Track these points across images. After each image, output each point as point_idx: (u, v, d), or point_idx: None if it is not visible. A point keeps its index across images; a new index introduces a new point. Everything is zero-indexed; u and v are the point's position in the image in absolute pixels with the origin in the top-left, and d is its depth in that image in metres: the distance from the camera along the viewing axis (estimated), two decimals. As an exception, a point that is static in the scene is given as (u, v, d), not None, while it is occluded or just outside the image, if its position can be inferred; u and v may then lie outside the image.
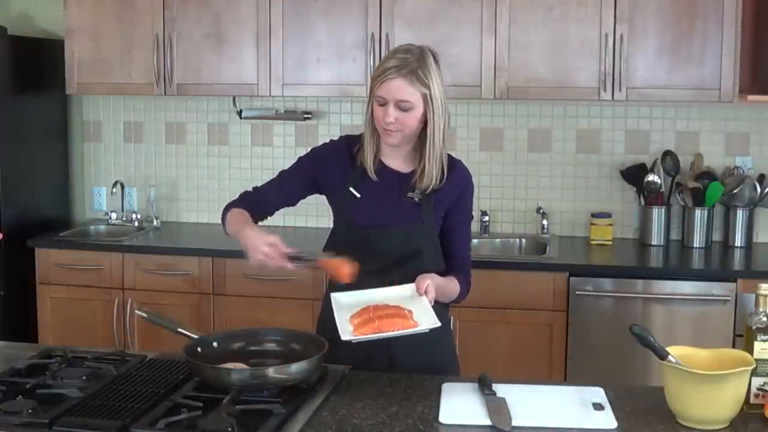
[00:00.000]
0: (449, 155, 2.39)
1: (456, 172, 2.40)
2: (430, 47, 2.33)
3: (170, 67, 4.19)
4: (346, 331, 2.08)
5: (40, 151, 4.51)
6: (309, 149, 2.52)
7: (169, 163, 4.67)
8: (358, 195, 2.36)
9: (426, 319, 2.12)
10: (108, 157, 4.75)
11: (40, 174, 4.52)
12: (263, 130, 4.55)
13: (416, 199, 2.35)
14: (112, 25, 4.25)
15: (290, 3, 4.06)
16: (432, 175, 2.32)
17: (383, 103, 2.26)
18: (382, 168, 2.38)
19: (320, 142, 4.55)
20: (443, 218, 2.40)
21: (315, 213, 4.35)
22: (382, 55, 3.93)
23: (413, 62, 2.25)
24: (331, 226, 2.46)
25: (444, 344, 2.46)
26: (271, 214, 2.48)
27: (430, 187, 2.33)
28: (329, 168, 2.41)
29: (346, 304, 2.21)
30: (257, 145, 4.55)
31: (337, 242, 2.39)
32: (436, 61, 2.30)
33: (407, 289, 2.24)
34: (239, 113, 4.50)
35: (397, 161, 2.39)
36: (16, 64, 4.27)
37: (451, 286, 2.38)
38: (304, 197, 2.49)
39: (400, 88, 2.24)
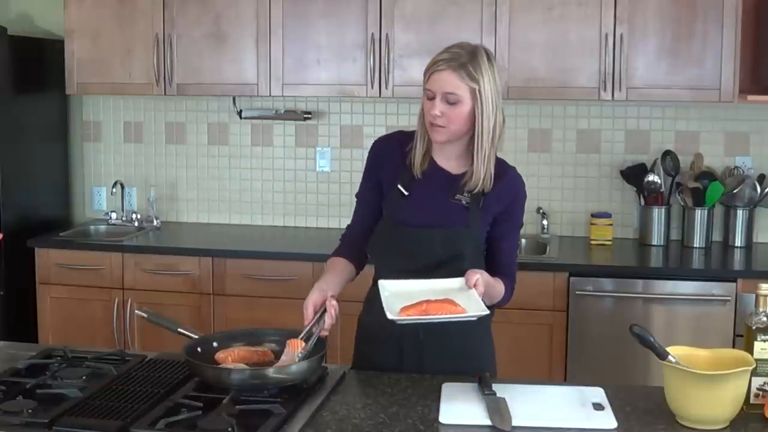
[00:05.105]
0: (503, 161, 2.35)
1: (508, 179, 2.34)
2: (485, 47, 2.29)
3: (170, 67, 4.19)
4: (393, 313, 2.04)
5: (39, 151, 4.51)
6: (367, 149, 2.47)
7: (169, 163, 4.67)
8: (406, 193, 2.32)
9: (474, 308, 2.07)
10: (108, 157, 4.75)
11: (40, 174, 4.52)
12: (263, 130, 4.54)
13: (464, 202, 2.30)
14: (112, 25, 4.24)
15: (290, 3, 4.06)
16: (479, 176, 2.26)
17: (431, 97, 2.24)
18: (432, 166, 2.34)
19: (320, 143, 4.62)
20: (491, 224, 2.34)
21: (315, 213, 4.35)
22: (382, 55, 3.95)
23: (463, 56, 2.22)
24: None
25: (482, 353, 2.40)
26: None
27: (477, 189, 2.28)
28: (384, 164, 2.38)
29: (395, 293, 2.15)
30: (257, 145, 4.55)
31: (380, 240, 2.36)
32: (490, 60, 2.25)
33: (456, 282, 2.18)
34: (239, 113, 4.50)
35: (450, 161, 2.34)
36: (16, 64, 4.27)
37: (498, 287, 2.31)
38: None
39: (447, 80, 2.21)
